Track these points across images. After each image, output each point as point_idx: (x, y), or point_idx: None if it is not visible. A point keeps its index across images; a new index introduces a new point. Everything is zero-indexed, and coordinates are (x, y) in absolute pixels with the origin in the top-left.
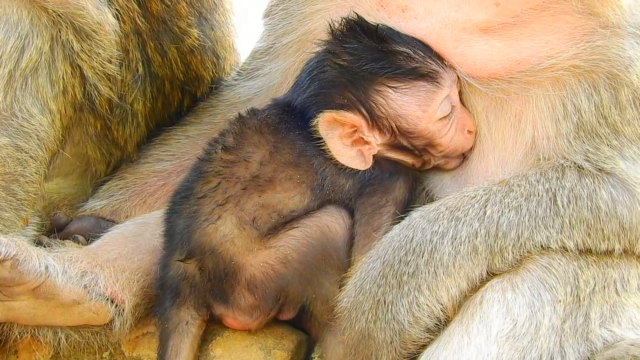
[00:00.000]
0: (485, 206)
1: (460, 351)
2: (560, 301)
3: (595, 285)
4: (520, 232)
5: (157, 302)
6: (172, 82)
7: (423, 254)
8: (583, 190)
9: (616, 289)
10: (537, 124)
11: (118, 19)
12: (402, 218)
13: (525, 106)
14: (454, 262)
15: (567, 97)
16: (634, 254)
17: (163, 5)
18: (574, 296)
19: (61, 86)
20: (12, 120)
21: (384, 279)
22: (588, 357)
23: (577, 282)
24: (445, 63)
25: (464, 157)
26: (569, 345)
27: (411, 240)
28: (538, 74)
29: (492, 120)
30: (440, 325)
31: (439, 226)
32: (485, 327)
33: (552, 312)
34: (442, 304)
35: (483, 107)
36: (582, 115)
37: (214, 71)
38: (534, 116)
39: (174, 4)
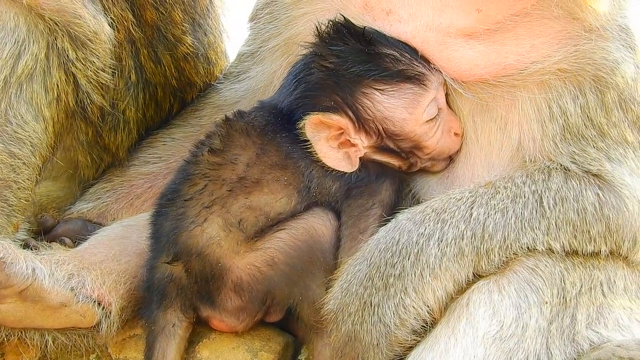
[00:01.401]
0: (472, 208)
1: (447, 353)
2: (546, 303)
3: (581, 287)
4: (506, 233)
5: (143, 304)
6: (165, 89)
7: (409, 256)
8: (569, 192)
9: (602, 291)
10: (523, 126)
11: (112, 28)
12: (389, 220)
13: (511, 109)
14: (440, 264)
15: (553, 100)
16: (621, 255)
17: (158, 13)
18: (560, 298)
19: (55, 93)
20: (7, 127)
21: (370, 281)
22: (574, 359)
23: (563, 284)
24: (432, 66)
25: (450, 159)
26: (555, 346)
27: (397, 242)
28: (524, 78)
29: (478, 122)
30: (427, 327)
31: (425, 228)
32: (471, 329)
33: (538, 313)
34: (428, 306)
35: (469, 109)
36: (568, 118)
37: (205, 76)
38: (520, 118)
39: (168, 12)
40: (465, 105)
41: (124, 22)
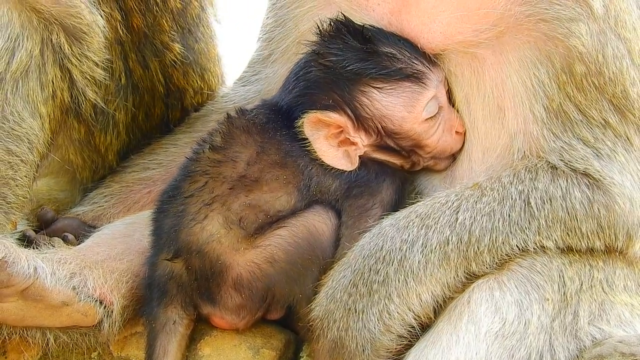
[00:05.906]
0: (457, 212)
1: (449, 350)
2: (548, 299)
3: (581, 283)
4: (494, 237)
5: (144, 301)
6: (153, 94)
7: (392, 262)
8: (556, 191)
9: (603, 287)
10: (516, 112)
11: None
12: None
13: (503, 93)
14: (424, 270)
15: (534, 76)
16: (617, 250)
17: (144, 20)
18: (561, 294)
19: (51, 90)
20: (4, 124)
21: (355, 288)
22: (577, 355)
23: (562, 280)
24: (432, 63)
25: (453, 158)
26: (558, 343)
27: (381, 248)
28: (495, 37)
29: (472, 109)
30: (415, 331)
31: (409, 234)
32: (474, 326)
33: (540, 310)
34: (413, 311)
35: (464, 95)
36: (547, 90)
37: (198, 84)
38: (511, 104)
39: (156, 20)
40: (459, 90)
41: (113, 21)
